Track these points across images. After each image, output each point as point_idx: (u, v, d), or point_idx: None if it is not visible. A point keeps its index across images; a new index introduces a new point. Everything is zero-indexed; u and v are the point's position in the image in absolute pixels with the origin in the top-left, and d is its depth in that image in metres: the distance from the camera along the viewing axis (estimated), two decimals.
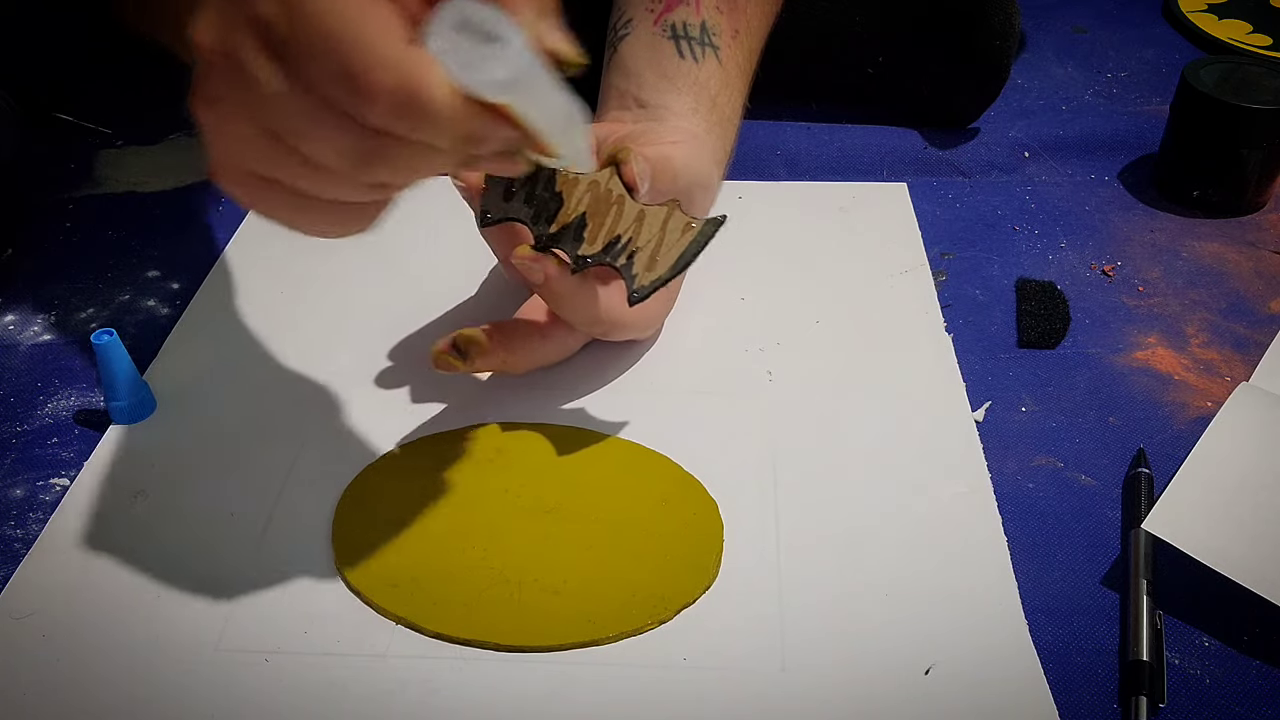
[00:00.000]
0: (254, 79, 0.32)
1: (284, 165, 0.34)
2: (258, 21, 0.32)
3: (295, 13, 0.31)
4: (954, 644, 0.40)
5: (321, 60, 0.31)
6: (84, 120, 0.72)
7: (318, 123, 0.33)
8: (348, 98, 0.32)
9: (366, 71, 0.31)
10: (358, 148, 0.33)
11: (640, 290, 0.45)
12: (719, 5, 0.56)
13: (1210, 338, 0.55)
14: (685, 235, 0.45)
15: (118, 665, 0.40)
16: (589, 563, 0.43)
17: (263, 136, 0.34)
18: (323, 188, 0.35)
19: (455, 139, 0.33)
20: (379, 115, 0.32)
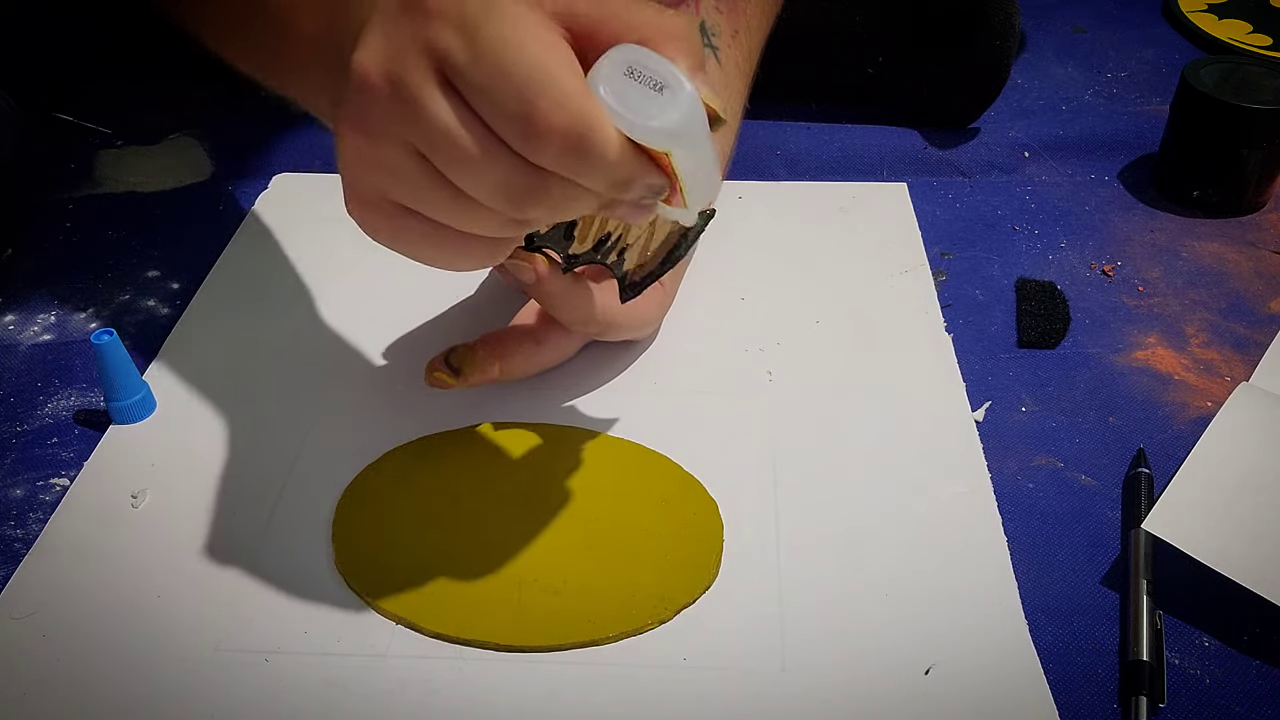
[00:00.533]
0: (424, 109, 0.32)
1: (435, 197, 0.34)
2: (434, 51, 0.32)
3: (477, 46, 0.31)
4: (954, 644, 0.40)
5: (499, 97, 0.31)
6: (84, 120, 0.72)
7: (485, 157, 0.32)
8: (520, 136, 0.32)
9: (543, 112, 0.31)
10: (517, 183, 0.33)
11: (631, 288, 0.45)
12: (718, 5, 0.56)
13: (1210, 338, 0.55)
14: (674, 231, 0.45)
15: (118, 665, 0.40)
16: (589, 563, 0.43)
17: (418, 167, 0.33)
18: (468, 221, 0.35)
19: (611, 183, 0.33)
20: (548, 156, 0.32)
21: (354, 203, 0.36)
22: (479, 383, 0.48)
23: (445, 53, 0.32)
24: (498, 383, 0.49)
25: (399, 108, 0.33)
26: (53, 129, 0.71)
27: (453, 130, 0.32)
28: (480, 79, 0.32)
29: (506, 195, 0.33)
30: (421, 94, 0.32)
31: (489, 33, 0.31)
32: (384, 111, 0.33)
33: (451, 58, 0.32)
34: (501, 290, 0.56)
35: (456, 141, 0.32)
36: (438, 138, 0.33)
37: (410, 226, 0.36)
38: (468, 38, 0.31)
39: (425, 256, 0.37)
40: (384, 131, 0.33)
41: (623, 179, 0.33)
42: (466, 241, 0.36)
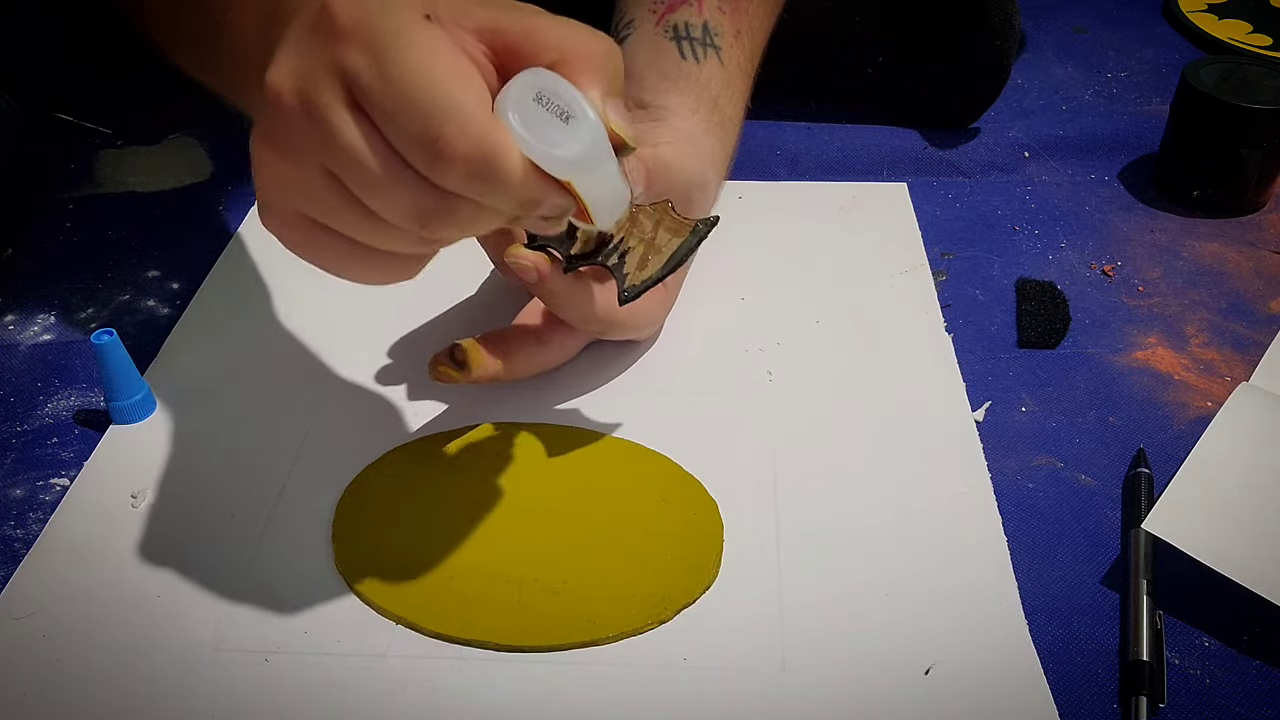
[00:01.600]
0: (331, 129, 0.32)
1: (345, 215, 0.34)
2: (343, 72, 0.32)
3: (384, 67, 0.31)
4: (954, 644, 0.40)
5: (405, 120, 0.32)
6: (84, 120, 0.72)
7: (391, 179, 0.33)
8: (426, 160, 0.32)
9: (449, 137, 0.31)
10: (424, 205, 0.33)
11: (631, 290, 0.45)
12: (721, 6, 0.56)
13: (1210, 338, 0.55)
14: (677, 235, 0.45)
15: (118, 665, 0.40)
16: (589, 563, 0.43)
17: (328, 186, 0.34)
18: (380, 239, 0.35)
19: (516, 204, 0.34)
20: (454, 180, 0.32)
21: (267, 217, 0.36)
22: (482, 378, 0.48)
23: (354, 75, 0.32)
24: (500, 381, 0.49)
25: (308, 127, 0.33)
26: (53, 129, 0.71)
27: (360, 152, 0.32)
28: (387, 103, 0.32)
29: (414, 216, 0.34)
30: (330, 114, 0.32)
31: (396, 57, 0.31)
32: (294, 130, 0.33)
33: (360, 80, 0.32)
34: (503, 291, 0.56)
35: (363, 163, 0.32)
36: (345, 159, 0.33)
37: (323, 242, 0.36)
38: (376, 60, 0.31)
39: (339, 271, 0.37)
40: (294, 149, 0.34)
41: (528, 200, 0.34)
42: (380, 258, 0.36)
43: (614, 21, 0.58)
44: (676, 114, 0.53)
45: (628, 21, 0.56)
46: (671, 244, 0.45)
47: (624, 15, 0.57)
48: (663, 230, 0.45)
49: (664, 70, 0.54)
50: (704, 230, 0.45)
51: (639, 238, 0.45)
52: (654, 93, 0.54)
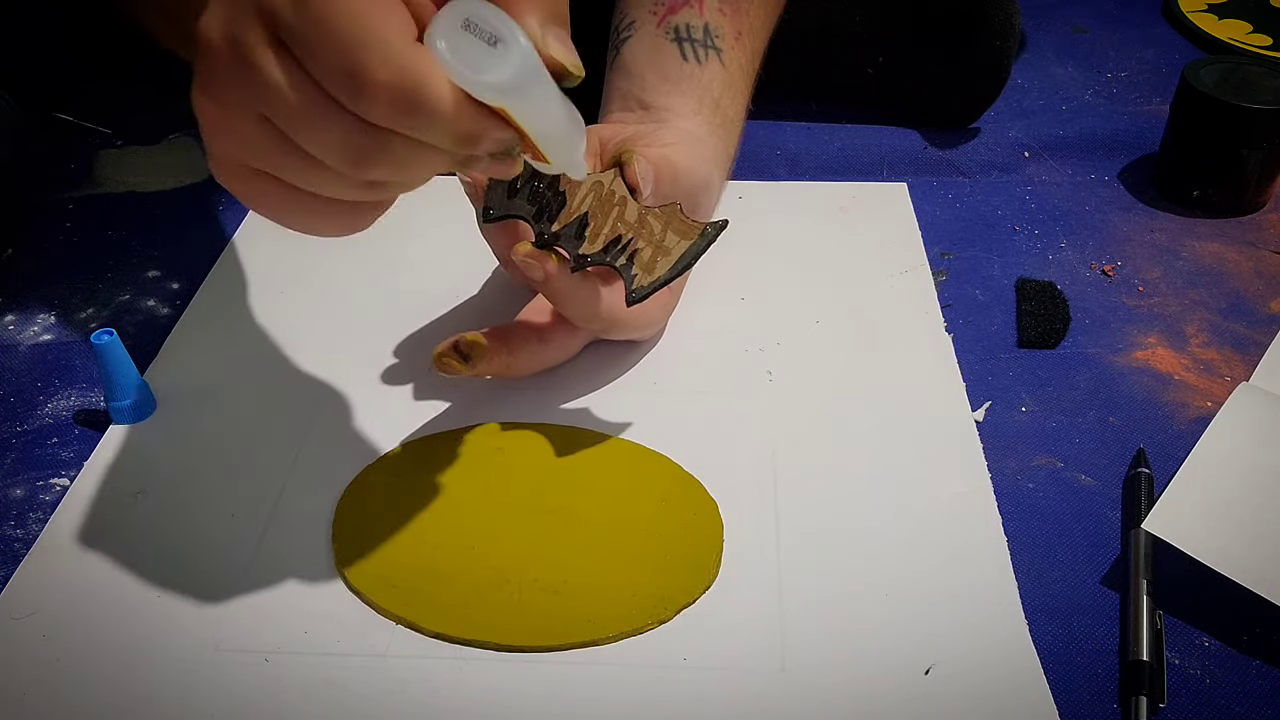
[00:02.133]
0: (257, 70, 0.32)
1: (283, 160, 0.34)
2: (265, 12, 0.32)
3: (302, 5, 0.31)
4: (954, 644, 0.40)
5: (326, 54, 0.31)
6: (84, 120, 0.72)
7: (318, 116, 0.32)
8: (349, 93, 0.32)
9: (369, 68, 0.31)
10: (356, 143, 0.33)
11: (639, 291, 0.45)
12: (722, 7, 0.56)
13: (1210, 338, 0.55)
14: (685, 238, 0.45)
15: (118, 665, 0.40)
16: (589, 563, 0.43)
17: (263, 130, 0.33)
18: (320, 184, 0.35)
19: (452, 138, 0.33)
20: (379, 112, 0.32)
21: (216, 169, 0.36)
22: (485, 372, 0.48)
23: (275, 11, 0.32)
24: (502, 377, 0.49)
25: (237, 70, 0.33)
26: (53, 129, 0.71)
27: (285, 90, 0.32)
28: (306, 36, 0.31)
29: (346, 155, 0.33)
30: (255, 55, 0.32)
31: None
32: (225, 75, 0.33)
33: (281, 15, 0.32)
34: (505, 290, 0.56)
35: (289, 101, 0.32)
36: (273, 99, 0.32)
37: (268, 191, 0.36)
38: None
39: (288, 221, 0.37)
40: (227, 95, 0.33)
41: (464, 133, 0.33)
42: (326, 205, 0.36)
43: (614, 23, 0.58)
44: (679, 115, 0.53)
45: (629, 23, 0.56)
46: (680, 246, 0.45)
47: (625, 16, 0.57)
48: (671, 232, 0.45)
49: (665, 72, 0.54)
50: (713, 233, 0.45)
51: (648, 239, 0.45)
52: (656, 94, 0.54)
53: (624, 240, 0.45)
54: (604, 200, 0.45)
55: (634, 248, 0.45)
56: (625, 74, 0.55)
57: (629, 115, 0.54)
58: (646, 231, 0.45)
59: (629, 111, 0.55)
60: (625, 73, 0.55)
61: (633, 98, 0.55)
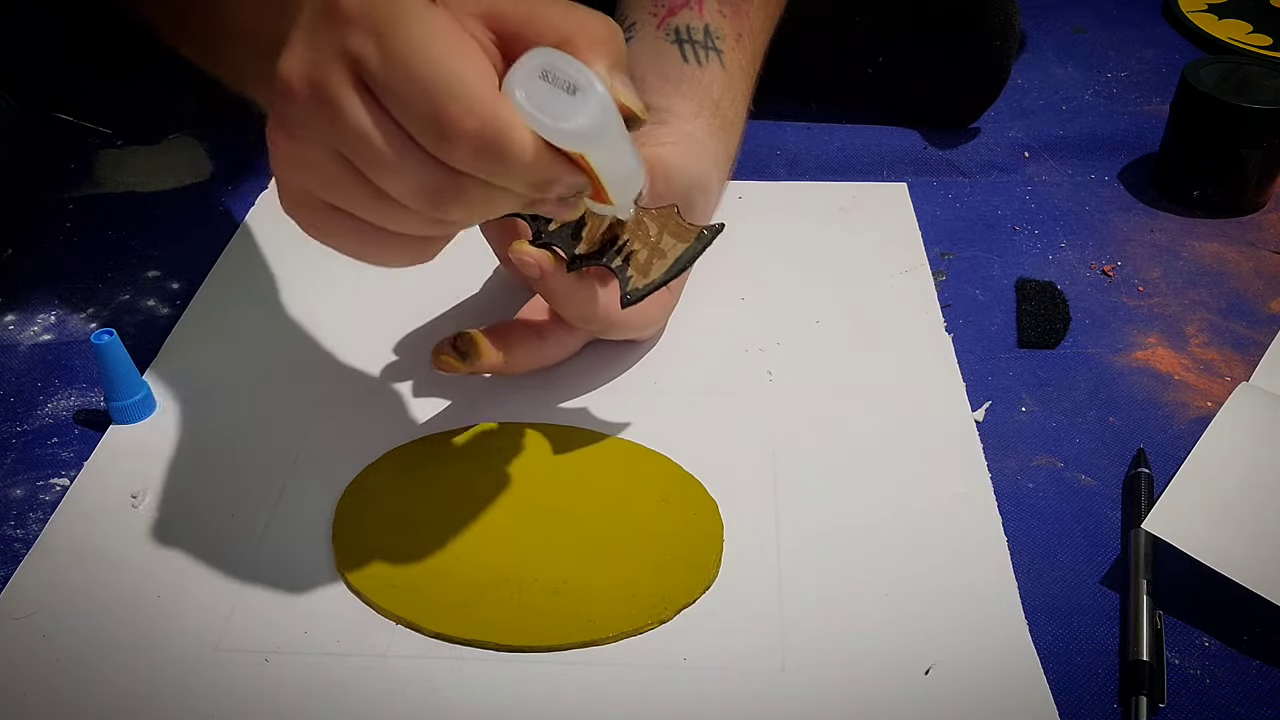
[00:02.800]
0: (341, 112, 0.33)
1: (358, 197, 0.35)
2: (350, 56, 0.33)
3: (389, 51, 0.32)
4: (954, 644, 0.40)
5: (412, 100, 0.32)
6: (84, 120, 0.72)
7: (400, 160, 0.33)
8: (434, 138, 0.33)
9: (455, 116, 0.32)
10: (435, 186, 0.34)
11: (633, 293, 0.45)
12: (722, 9, 0.56)
13: (1210, 338, 0.55)
14: (682, 241, 0.45)
15: (118, 665, 0.40)
16: (589, 563, 0.43)
17: (340, 168, 0.34)
18: (393, 221, 0.36)
19: (529, 184, 0.34)
20: (462, 158, 0.33)
21: (287, 202, 0.37)
22: (484, 370, 0.48)
23: (361, 58, 0.33)
24: (501, 374, 0.49)
25: (319, 111, 0.33)
26: (53, 129, 0.71)
27: (369, 133, 0.33)
28: (392, 83, 0.32)
29: (425, 196, 0.34)
30: (339, 98, 0.33)
31: (400, 37, 0.32)
32: (305, 115, 0.34)
33: (367, 63, 0.33)
34: (506, 288, 0.56)
35: (373, 144, 0.33)
36: (355, 140, 0.33)
37: (340, 224, 0.37)
38: (381, 43, 0.32)
39: (357, 253, 0.38)
40: (307, 135, 0.34)
41: (541, 180, 0.34)
42: (395, 240, 0.37)
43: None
44: (679, 117, 0.53)
45: (629, 25, 0.56)
46: (676, 249, 0.45)
47: (625, 18, 0.57)
48: (668, 235, 0.45)
49: (666, 73, 0.54)
50: (709, 237, 0.45)
51: (643, 241, 0.45)
52: (656, 95, 0.54)
53: (620, 241, 0.45)
54: None
55: (630, 249, 0.45)
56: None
57: None
58: (643, 233, 0.45)
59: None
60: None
61: None
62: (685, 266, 0.45)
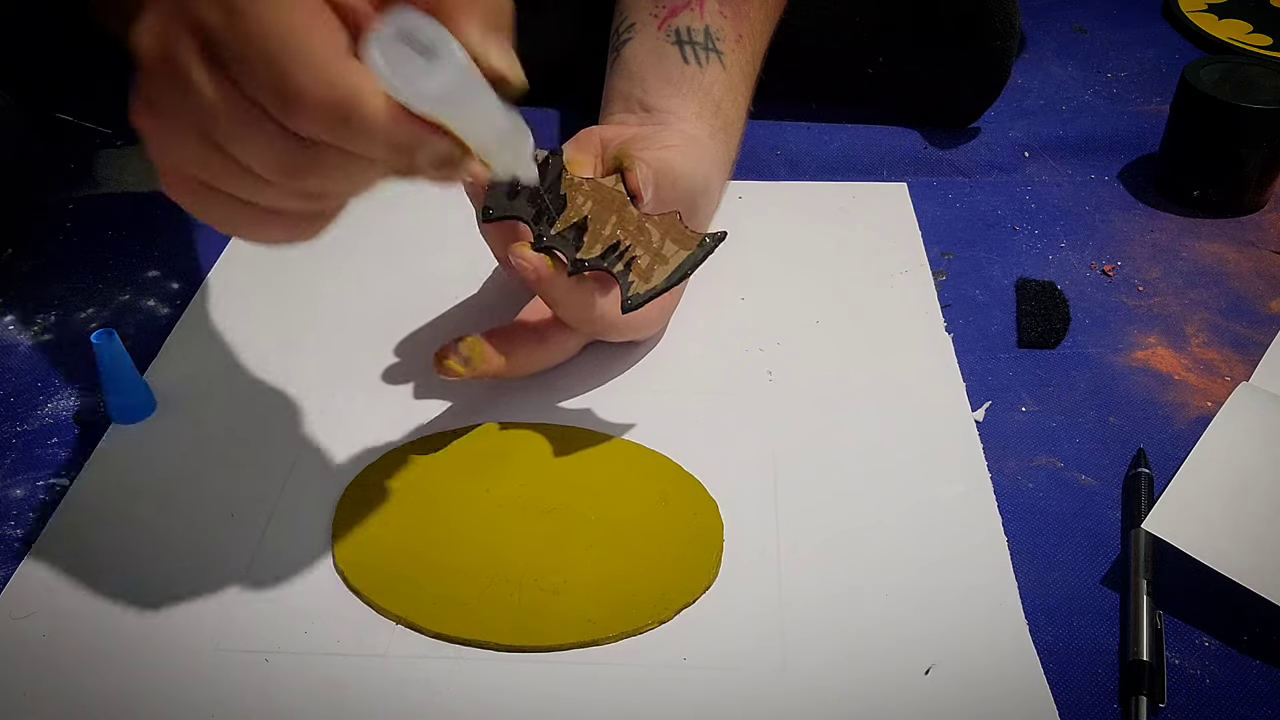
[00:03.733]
0: (190, 83, 0.32)
1: (222, 172, 0.34)
2: (198, 26, 0.32)
3: (234, 19, 0.31)
4: (954, 644, 0.40)
5: (256, 68, 0.31)
6: (84, 120, 0.72)
7: (250, 130, 0.33)
8: (281, 106, 0.32)
9: (300, 82, 0.31)
10: (289, 156, 0.33)
11: (634, 299, 0.45)
12: (723, 10, 0.56)
13: (1210, 338, 0.55)
14: (684, 248, 0.45)
15: (118, 665, 0.40)
16: (589, 563, 0.43)
17: (201, 143, 0.34)
18: (260, 195, 0.35)
19: (386, 149, 0.33)
20: (310, 126, 0.32)
21: (163, 181, 0.36)
22: (485, 374, 0.48)
23: (207, 26, 0.32)
24: (502, 378, 0.49)
25: (170, 83, 0.33)
26: (53, 129, 0.71)
27: (217, 104, 0.32)
28: (236, 50, 0.32)
29: (280, 167, 0.33)
30: (189, 70, 0.32)
31: (245, 6, 0.31)
32: (161, 90, 0.33)
33: (212, 29, 0.32)
34: (506, 289, 0.56)
35: (221, 115, 0.32)
36: (206, 113, 0.33)
37: (215, 203, 0.36)
38: (225, 10, 0.31)
39: (236, 231, 0.37)
40: (166, 109, 0.34)
41: (398, 144, 0.33)
42: (274, 216, 0.36)
43: (615, 25, 0.58)
44: (680, 118, 0.53)
45: (629, 25, 0.56)
46: (678, 256, 0.45)
47: (625, 19, 0.57)
48: (670, 241, 0.45)
49: (666, 74, 0.54)
50: (711, 244, 0.45)
51: (646, 247, 0.45)
52: (657, 96, 0.54)
53: (622, 246, 0.45)
54: (604, 205, 0.45)
55: (632, 255, 0.45)
56: (626, 76, 0.55)
57: (630, 117, 0.54)
58: (645, 239, 0.45)
59: (630, 113, 0.55)
60: (626, 75, 0.55)
61: (634, 99, 0.55)
62: (687, 273, 0.45)
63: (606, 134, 0.52)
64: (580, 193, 0.45)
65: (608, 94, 0.56)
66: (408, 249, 0.60)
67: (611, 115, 0.55)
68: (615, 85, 0.56)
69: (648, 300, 0.45)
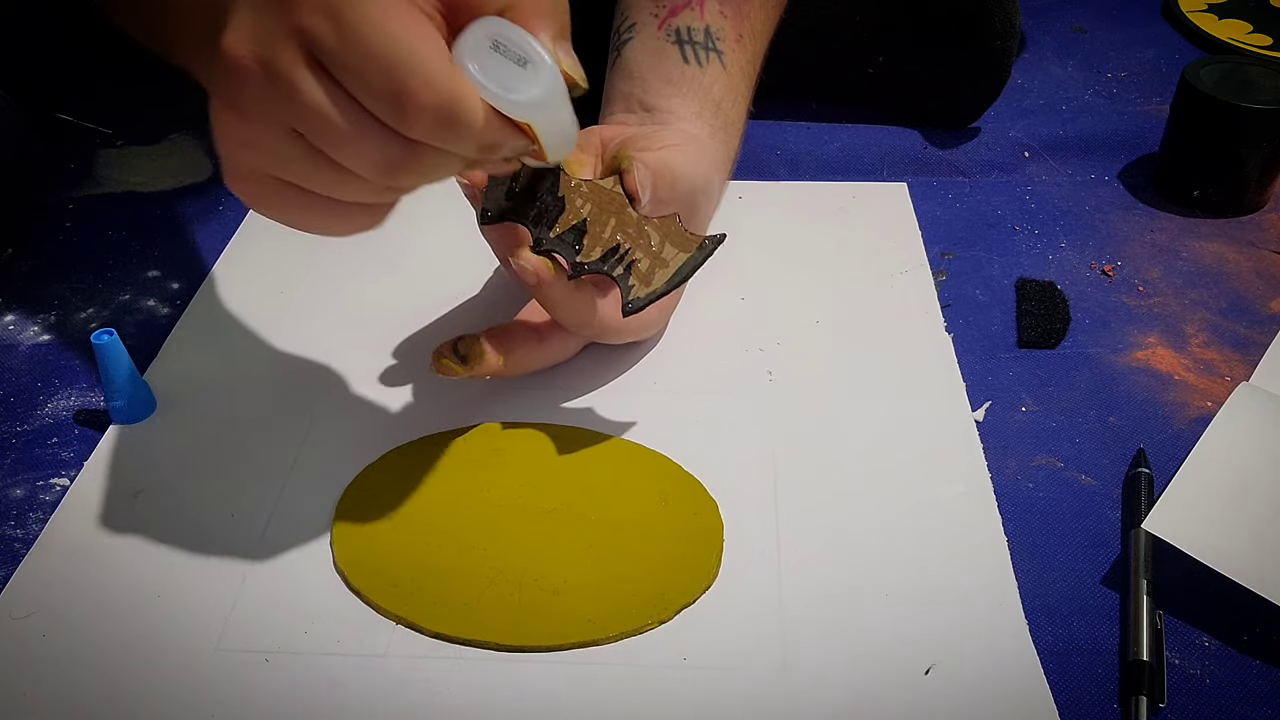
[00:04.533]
0: (295, 89, 0.33)
1: (310, 171, 0.35)
2: (302, 33, 0.33)
3: (343, 28, 0.32)
4: (954, 644, 0.40)
5: (369, 76, 0.33)
6: (84, 120, 0.72)
7: (358, 133, 0.34)
8: (394, 113, 0.33)
9: (414, 90, 0.32)
10: (392, 157, 0.34)
11: (635, 302, 0.45)
12: (723, 9, 0.56)
13: (1210, 338, 0.55)
14: (683, 250, 0.45)
15: (118, 665, 0.40)
16: (589, 563, 0.43)
17: (294, 144, 0.34)
18: (345, 191, 0.36)
19: (479, 149, 0.35)
20: (421, 130, 0.33)
21: (233, 178, 0.37)
22: (483, 373, 0.48)
23: (313, 35, 0.33)
24: (501, 376, 0.49)
25: (271, 90, 0.34)
26: (53, 129, 0.71)
27: (326, 110, 0.33)
28: (350, 60, 0.33)
29: (381, 166, 0.35)
30: (293, 76, 0.33)
31: (353, 15, 0.32)
32: (257, 93, 0.34)
33: (320, 40, 0.33)
34: (504, 290, 0.56)
35: (330, 120, 0.34)
36: (312, 117, 0.34)
37: (289, 198, 0.37)
38: (333, 20, 0.32)
39: (306, 225, 0.38)
40: (258, 112, 0.34)
41: (490, 144, 0.35)
42: (345, 209, 0.37)
43: (615, 24, 0.58)
44: (680, 118, 0.53)
45: (630, 25, 0.56)
46: (678, 259, 0.45)
47: (626, 18, 0.57)
48: (669, 244, 0.45)
49: (667, 74, 0.54)
50: (710, 247, 0.45)
51: (646, 250, 0.45)
52: (657, 96, 0.54)
53: (621, 250, 0.45)
54: (603, 208, 0.45)
55: (631, 258, 0.45)
56: (626, 75, 0.55)
57: (630, 117, 0.54)
58: (644, 242, 0.45)
59: (630, 113, 0.55)
60: (626, 74, 0.55)
61: (634, 99, 0.55)
62: (687, 276, 0.45)
63: (606, 134, 0.52)
64: (579, 195, 0.45)
65: (608, 94, 0.56)
66: (408, 249, 0.60)
67: (611, 115, 0.55)
68: (615, 85, 0.56)
69: (649, 303, 0.45)
